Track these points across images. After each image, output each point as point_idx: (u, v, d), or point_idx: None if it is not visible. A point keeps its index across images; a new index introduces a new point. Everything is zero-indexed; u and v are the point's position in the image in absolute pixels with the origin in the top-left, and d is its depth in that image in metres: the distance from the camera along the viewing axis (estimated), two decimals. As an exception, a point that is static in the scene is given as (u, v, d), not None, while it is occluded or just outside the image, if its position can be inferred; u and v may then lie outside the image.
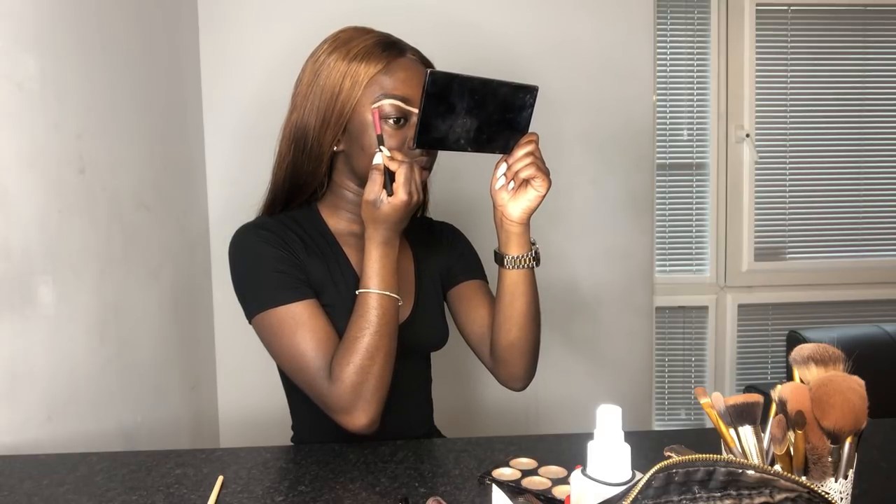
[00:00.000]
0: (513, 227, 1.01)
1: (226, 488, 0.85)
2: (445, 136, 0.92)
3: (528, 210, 0.99)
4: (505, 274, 1.04)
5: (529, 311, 1.05)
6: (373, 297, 0.96)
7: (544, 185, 0.97)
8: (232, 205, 1.83)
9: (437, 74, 0.87)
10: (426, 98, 0.87)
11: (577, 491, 0.58)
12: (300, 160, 1.06)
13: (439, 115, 0.89)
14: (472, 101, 0.90)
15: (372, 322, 0.95)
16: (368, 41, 1.02)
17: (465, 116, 0.91)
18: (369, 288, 0.97)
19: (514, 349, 1.08)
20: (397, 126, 1.00)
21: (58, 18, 1.18)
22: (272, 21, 1.89)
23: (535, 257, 1.03)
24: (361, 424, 0.94)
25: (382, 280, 0.97)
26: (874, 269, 2.37)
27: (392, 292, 0.97)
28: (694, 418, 2.41)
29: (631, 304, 2.09)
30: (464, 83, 0.88)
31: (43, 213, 1.12)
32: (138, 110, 1.50)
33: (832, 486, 0.62)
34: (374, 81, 1.00)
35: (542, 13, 1.97)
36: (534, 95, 0.94)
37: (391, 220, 0.96)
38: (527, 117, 0.95)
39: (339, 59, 1.01)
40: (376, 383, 0.95)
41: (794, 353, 0.67)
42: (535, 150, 0.96)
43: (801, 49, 2.29)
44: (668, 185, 2.30)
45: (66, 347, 1.18)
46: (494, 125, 0.94)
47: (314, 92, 1.02)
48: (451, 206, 1.38)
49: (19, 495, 0.84)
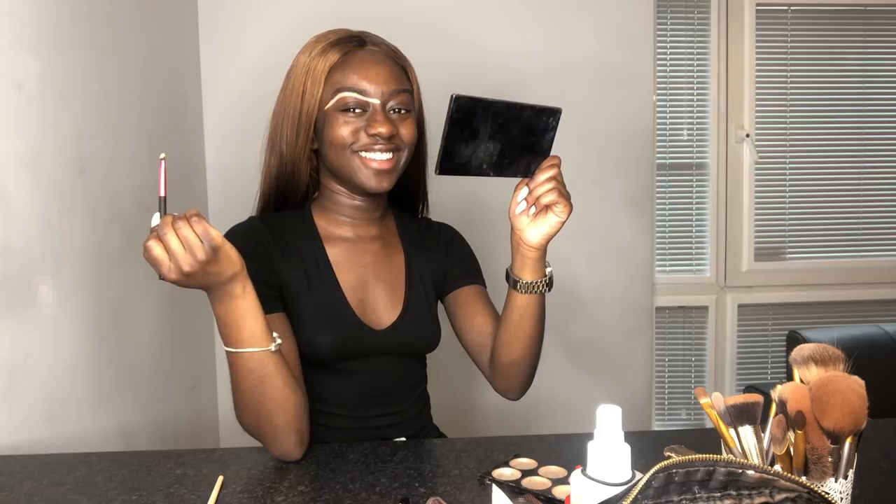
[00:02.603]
0: (530, 252, 0.97)
1: (226, 488, 0.85)
2: (468, 162, 0.88)
3: (547, 236, 0.96)
4: (516, 297, 1.01)
5: (535, 333, 1.04)
6: (230, 357, 0.88)
7: (566, 211, 0.93)
8: (231, 205, 1.83)
9: (462, 100, 0.84)
10: (450, 124, 0.84)
11: (577, 491, 0.58)
12: (281, 166, 1.07)
13: (462, 141, 0.86)
14: (495, 126, 0.87)
15: (236, 377, 0.89)
16: (331, 38, 1.03)
17: (488, 141, 0.88)
18: (225, 347, 0.88)
19: (516, 366, 1.07)
20: (357, 116, 1.01)
21: (58, 18, 1.18)
22: (272, 21, 1.89)
23: (549, 283, 1.01)
24: (274, 456, 0.93)
25: (226, 337, 0.87)
26: (874, 269, 2.37)
27: (240, 347, 0.86)
28: (694, 418, 2.41)
29: (631, 304, 2.09)
30: (488, 107, 0.85)
31: (43, 213, 1.12)
32: (138, 110, 1.50)
33: (832, 486, 0.62)
34: (330, 76, 1.01)
35: (543, 14, 1.98)
36: (557, 118, 0.91)
37: (197, 286, 0.83)
38: (549, 140, 0.93)
39: (304, 60, 1.03)
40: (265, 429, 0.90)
41: (794, 353, 0.67)
42: (558, 175, 0.93)
43: (801, 49, 2.29)
44: (668, 185, 2.30)
45: (66, 347, 1.18)
46: (517, 149, 0.91)
47: (285, 97, 1.05)
48: (464, 213, 1.37)
49: (19, 495, 0.84)
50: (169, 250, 0.77)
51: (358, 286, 1.08)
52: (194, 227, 0.77)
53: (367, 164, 1.01)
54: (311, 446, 0.95)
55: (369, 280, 1.09)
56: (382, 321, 1.08)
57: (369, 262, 1.10)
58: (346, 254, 1.09)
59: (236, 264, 0.83)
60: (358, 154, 1.01)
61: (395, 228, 1.16)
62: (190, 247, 0.77)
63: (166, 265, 0.77)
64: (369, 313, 1.07)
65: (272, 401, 0.89)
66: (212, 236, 0.78)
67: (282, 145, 1.06)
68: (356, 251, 1.10)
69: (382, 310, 1.08)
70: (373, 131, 0.99)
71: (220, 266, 0.81)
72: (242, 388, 0.89)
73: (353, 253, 1.09)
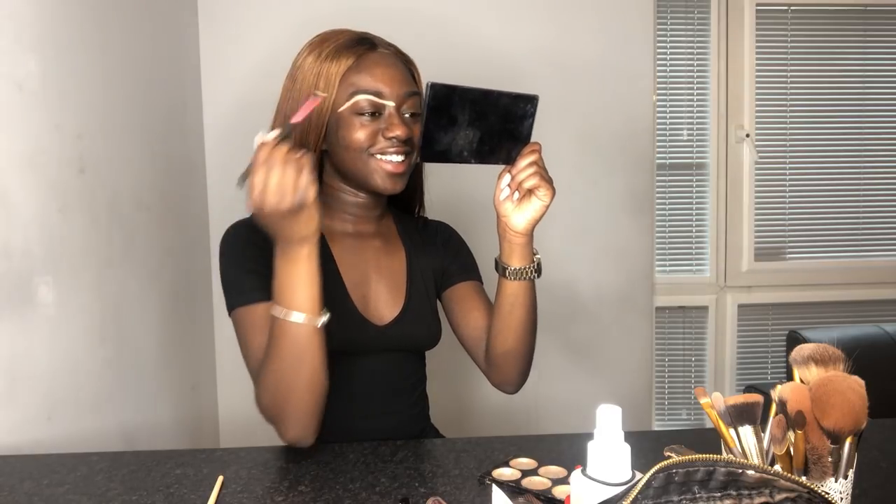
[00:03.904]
0: (517, 238, 0.99)
1: (226, 488, 0.85)
2: (449, 149, 0.91)
3: (532, 220, 0.98)
4: (505, 284, 1.02)
5: (527, 321, 1.05)
6: (276, 322, 0.89)
7: (548, 194, 0.96)
8: (232, 205, 1.83)
9: (438, 87, 0.86)
10: (428, 111, 0.87)
11: (577, 491, 0.58)
12: None
13: (441, 128, 0.89)
14: (473, 113, 0.90)
15: (274, 346, 0.90)
16: (340, 40, 1.03)
17: (468, 128, 0.90)
18: (273, 310, 0.89)
19: (510, 356, 1.08)
20: (372, 119, 1.01)
21: (58, 19, 1.19)
22: (272, 21, 1.89)
23: (537, 269, 1.02)
24: (286, 440, 0.93)
25: (281, 300, 0.88)
26: (874, 269, 2.37)
27: (295, 312, 0.88)
28: (694, 418, 2.41)
29: (631, 304, 2.09)
30: (464, 94, 0.88)
31: (43, 213, 1.12)
32: (138, 110, 1.50)
33: (832, 486, 0.62)
34: (345, 79, 1.01)
35: (543, 13, 1.98)
36: (534, 105, 0.93)
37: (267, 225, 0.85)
38: (528, 127, 0.95)
39: (313, 61, 1.02)
40: (284, 406, 0.91)
41: (794, 353, 0.67)
42: (538, 160, 0.95)
43: (801, 49, 2.29)
44: (668, 185, 2.30)
45: (66, 347, 1.18)
46: (496, 136, 0.93)
47: (293, 97, 1.04)
48: (450, 206, 1.38)
49: (19, 495, 0.84)
50: (265, 183, 0.80)
51: (360, 282, 1.08)
52: (300, 177, 0.81)
53: (382, 166, 1.02)
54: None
55: (371, 276, 1.10)
56: (384, 317, 1.08)
57: (371, 259, 1.11)
58: (349, 250, 1.09)
59: (312, 228, 0.85)
60: (374, 157, 1.02)
61: (394, 227, 1.17)
62: (282, 192, 0.80)
63: (256, 194, 0.80)
64: (371, 309, 1.08)
65: (305, 379, 0.89)
66: (307, 194, 0.81)
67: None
68: (358, 248, 1.10)
69: (384, 306, 1.09)
70: (391, 134, 1.00)
71: (298, 223, 0.83)
72: (281, 358, 0.89)
73: (356, 249, 1.10)
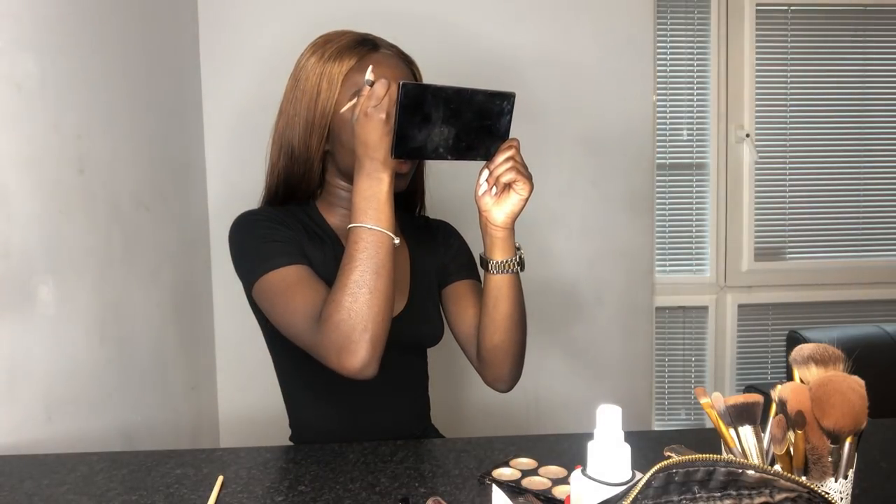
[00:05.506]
0: (497, 231, 1.01)
1: (226, 488, 0.85)
2: (423, 146, 0.93)
3: (511, 214, 1.00)
4: (489, 278, 1.04)
5: (513, 316, 1.06)
6: (354, 232, 0.93)
7: (526, 188, 0.98)
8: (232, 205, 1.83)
9: (409, 86, 0.88)
10: (400, 109, 0.88)
11: (577, 491, 0.58)
12: (291, 166, 1.08)
13: (415, 126, 0.90)
14: (447, 111, 0.91)
15: (353, 257, 0.92)
16: (342, 41, 1.04)
17: (442, 125, 0.92)
18: (352, 223, 0.94)
19: (499, 352, 1.08)
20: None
21: (58, 19, 1.18)
22: (272, 21, 1.89)
23: (520, 262, 1.04)
24: (353, 367, 0.90)
25: (362, 213, 0.93)
26: (874, 269, 2.37)
27: (375, 224, 0.93)
28: (694, 418, 2.41)
29: (631, 304, 2.09)
30: (437, 93, 0.90)
31: (43, 213, 1.12)
32: (138, 110, 1.50)
33: (832, 486, 0.62)
34: (347, 79, 1.02)
35: (542, 14, 1.98)
36: (511, 101, 0.95)
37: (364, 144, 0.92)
38: (506, 123, 0.96)
39: (315, 62, 1.03)
40: (362, 321, 0.90)
41: (794, 353, 0.67)
42: (516, 155, 0.97)
43: (801, 49, 2.29)
44: (668, 185, 2.30)
45: (66, 347, 1.18)
46: (473, 133, 0.95)
47: (296, 97, 1.05)
48: (450, 206, 1.38)
49: (19, 495, 0.84)
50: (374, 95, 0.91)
51: None
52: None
53: None
54: (311, 442, 0.95)
55: None
56: None
57: None
58: None
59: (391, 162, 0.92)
60: None
61: (397, 225, 1.17)
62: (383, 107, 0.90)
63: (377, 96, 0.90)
64: None
65: (382, 291, 0.91)
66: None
67: (292, 146, 1.06)
68: None
69: None
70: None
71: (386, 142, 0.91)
72: (362, 269, 0.91)
73: None
